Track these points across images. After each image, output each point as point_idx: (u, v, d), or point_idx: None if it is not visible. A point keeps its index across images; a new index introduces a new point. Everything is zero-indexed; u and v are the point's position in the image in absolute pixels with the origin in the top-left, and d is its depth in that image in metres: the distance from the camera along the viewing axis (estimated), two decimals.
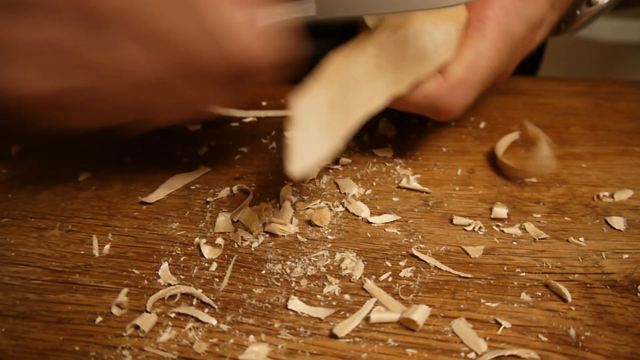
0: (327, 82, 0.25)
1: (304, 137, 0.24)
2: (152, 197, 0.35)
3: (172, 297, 0.28)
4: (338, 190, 0.36)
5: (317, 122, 0.25)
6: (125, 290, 0.28)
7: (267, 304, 0.27)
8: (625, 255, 0.31)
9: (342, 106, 0.27)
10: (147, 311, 0.27)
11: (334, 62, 0.26)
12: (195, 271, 0.29)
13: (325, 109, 0.25)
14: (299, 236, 0.32)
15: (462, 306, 0.27)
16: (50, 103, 0.28)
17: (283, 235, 0.32)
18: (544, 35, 0.38)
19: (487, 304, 0.27)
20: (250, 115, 0.44)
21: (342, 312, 0.27)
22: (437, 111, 0.34)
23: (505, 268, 0.30)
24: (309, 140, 0.25)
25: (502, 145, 0.39)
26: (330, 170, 0.38)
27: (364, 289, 0.28)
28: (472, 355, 0.25)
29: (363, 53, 0.28)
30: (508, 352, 0.25)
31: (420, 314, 0.26)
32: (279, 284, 0.29)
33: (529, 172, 0.36)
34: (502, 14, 0.33)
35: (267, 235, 0.32)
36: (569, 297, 0.28)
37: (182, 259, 0.30)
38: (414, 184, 0.36)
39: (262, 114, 0.44)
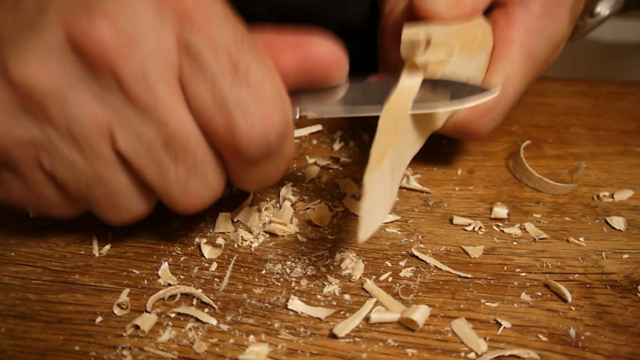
0: (387, 145, 0.25)
1: (373, 207, 0.24)
2: None
3: (172, 297, 0.28)
4: (338, 190, 0.36)
5: (383, 191, 0.25)
6: (126, 290, 0.28)
7: (267, 304, 0.27)
8: (625, 255, 0.31)
9: (398, 163, 0.27)
10: (147, 311, 0.27)
11: (387, 118, 0.26)
12: (195, 271, 0.29)
13: (389, 173, 0.25)
14: (299, 236, 0.32)
15: (462, 306, 0.27)
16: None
17: (283, 235, 0.32)
18: (560, 51, 0.38)
19: (487, 304, 0.27)
20: None
21: (342, 312, 0.27)
22: (466, 135, 0.34)
23: (505, 268, 0.30)
24: (376, 209, 0.25)
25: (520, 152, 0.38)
26: (330, 170, 0.38)
27: (364, 289, 0.28)
28: (472, 355, 0.25)
29: (407, 100, 0.28)
30: (508, 352, 0.25)
31: (420, 314, 0.26)
32: (279, 284, 0.29)
33: (548, 187, 0.36)
34: (527, 36, 0.33)
35: (267, 235, 0.32)
36: (569, 297, 0.28)
37: (182, 259, 0.30)
38: (414, 184, 0.36)
39: None
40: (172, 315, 0.27)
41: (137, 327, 0.26)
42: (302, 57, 0.26)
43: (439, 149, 0.40)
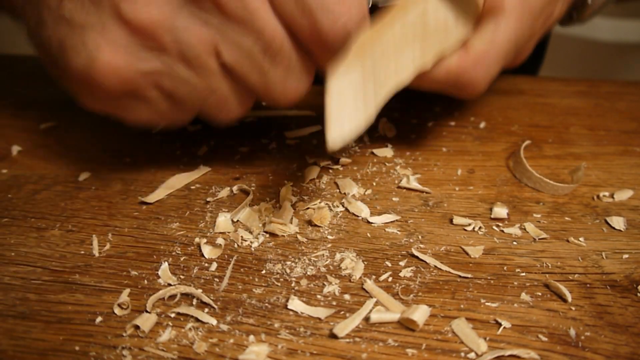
0: (359, 55, 0.26)
1: (341, 106, 0.25)
2: (152, 197, 0.35)
3: (172, 297, 0.28)
4: (338, 190, 0.36)
5: (353, 92, 0.25)
6: (127, 290, 0.28)
7: (267, 304, 0.27)
8: (625, 255, 0.31)
9: (373, 78, 0.27)
10: (147, 311, 0.27)
11: (363, 38, 0.27)
12: (195, 271, 0.29)
13: (359, 79, 0.26)
14: (299, 236, 0.32)
15: (462, 306, 0.27)
16: (124, 85, 0.29)
17: (283, 235, 0.32)
18: (561, 10, 0.38)
19: (487, 304, 0.27)
20: (250, 115, 0.44)
21: (342, 312, 0.27)
22: (461, 86, 0.33)
23: (505, 268, 0.30)
24: (345, 109, 0.25)
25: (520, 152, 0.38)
26: (330, 170, 0.38)
27: (364, 289, 0.28)
28: (472, 355, 0.25)
29: (389, 28, 0.28)
30: (508, 352, 0.25)
31: (420, 314, 0.26)
32: (279, 284, 0.29)
33: (548, 188, 0.36)
34: None
35: (267, 235, 0.32)
36: (569, 297, 0.28)
37: (182, 259, 0.30)
38: (414, 184, 0.36)
39: (262, 114, 0.44)
40: (172, 315, 0.27)
41: (137, 327, 0.26)
42: None
43: (439, 149, 0.40)
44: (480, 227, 0.32)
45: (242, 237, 0.31)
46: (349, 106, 0.25)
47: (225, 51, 0.28)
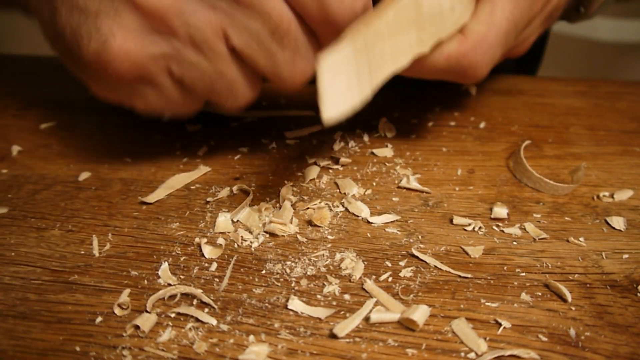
0: (351, 39, 0.26)
1: (334, 84, 0.25)
2: (152, 197, 0.35)
3: (172, 297, 0.28)
4: (338, 190, 0.36)
5: (346, 70, 0.26)
6: (127, 290, 0.28)
7: (267, 304, 0.27)
8: (625, 255, 0.31)
9: (367, 59, 0.28)
10: (147, 311, 0.27)
11: (356, 25, 0.28)
12: (195, 271, 0.29)
13: (352, 59, 0.26)
14: (299, 236, 0.32)
15: (462, 306, 0.27)
16: (136, 69, 0.29)
17: (283, 235, 0.32)
18: None
19: (487, 304, 0.27)
20: (250, 115, 0.44)
21: (342, 312, 0.27)
22: (463, 71, 0.33)
23: (505, 268, 0.30)
24: (339, 87, 0.26)
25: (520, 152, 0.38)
26: (330, 170, 0.38)
27: (364, 289, 0.28)
28: (472, 355, 0.25)
29: (383, 13, 0.29)
30: (508, 352, 0.25)
31: (420, 314, 0.26)
32: (279, 284, 0.29)
33: (548, 188, 0.36)
34: None
35: (267, 235, 0.32)
36: (569, 297, 0.28)
37: (182, 259, 0.30)
38: (414, 184, 0.36)
39: (262, 114, 0.44)
40: (172, 315, 0.27)
41: (137, 327, 0.26)
42: None
43: (439, 149, 0.40)
44: (480, 227, 0.32)
45: (242, 237, 0.31)
46: (342, 83, 0.26)
47: (233, 35, 0.28)
